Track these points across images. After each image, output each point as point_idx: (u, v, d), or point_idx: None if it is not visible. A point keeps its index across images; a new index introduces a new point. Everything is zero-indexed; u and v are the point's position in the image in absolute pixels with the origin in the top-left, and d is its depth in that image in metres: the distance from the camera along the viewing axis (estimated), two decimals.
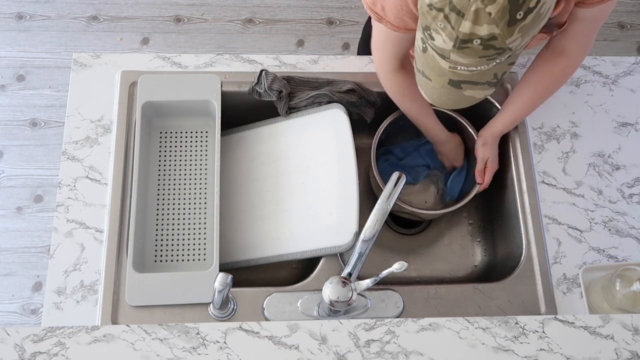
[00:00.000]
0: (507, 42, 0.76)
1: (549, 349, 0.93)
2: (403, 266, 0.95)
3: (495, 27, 0.74)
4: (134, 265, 1.12)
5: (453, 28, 0.75)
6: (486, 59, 0.79)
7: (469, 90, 0.86)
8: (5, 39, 2.35)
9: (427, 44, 0.83)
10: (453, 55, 0.79)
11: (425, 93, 0.93)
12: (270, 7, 2.46)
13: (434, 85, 0.88)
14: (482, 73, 0.82)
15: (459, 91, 0.87)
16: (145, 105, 1.24)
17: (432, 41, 0.80)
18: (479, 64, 0.80)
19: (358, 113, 1.29)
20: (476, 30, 0.74)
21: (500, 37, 0.75)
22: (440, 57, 0.81)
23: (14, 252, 2.08)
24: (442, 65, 0.82)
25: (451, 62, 0.81)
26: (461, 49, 0.77)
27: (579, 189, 1.26)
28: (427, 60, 0.85)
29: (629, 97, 1.35)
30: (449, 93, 0.88)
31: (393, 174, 1.03)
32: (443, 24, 0.76)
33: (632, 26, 2.49)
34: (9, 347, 0.89)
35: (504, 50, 0.77)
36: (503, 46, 0.76)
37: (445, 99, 0.90)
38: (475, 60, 0.79)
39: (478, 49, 0.77)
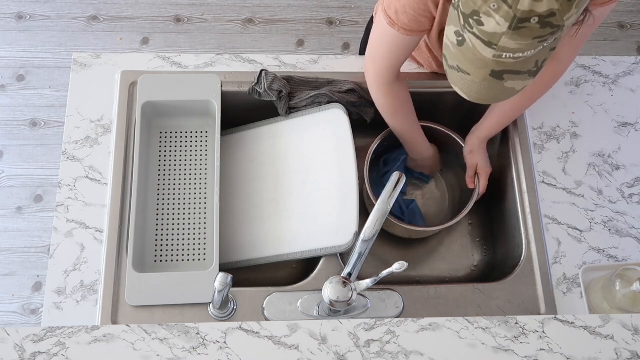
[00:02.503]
0: (565, 17, 0.74)
1: (549, 349, 0.93)
2: (403, 266, 0.94)
3: (555, 2, 0.72)
4: (134, 265, 1.12)
5: (510, 7, 0.73)
6: (538, 40, 0.77)
7: (510, 81, 0.84)
8: (5, 39, 2.35)
9: (466, 35, 0.81)
10: (504, 39, 0.77)
11: (462, 89, 0.90)
12: (270, 7, 2.46)
13: (473, 80, 0.86)
14: (526, 60, 0.81)
15: (500, 83, 0.85)
16: (145, 105, 1.24)
17: (480, 27, 0.77)
18: (529, 47, 0.78)
19: (358, 113, 1.29)
20: (535, 7, 0.72)
21: (559, 12, 0.73)
22: (486, 45, 0.79)
23: (14, 252, 2.08)
24: (485, 55, 0.80)
25: (498, 49, 0.78)
26: (517, 29, 0.75)
27: (579, 189, 1.26)
28: (464, 53, 0.83)
29: (629, 97, 1.35)
30: (489, 86, 0.86)
31: (393, 174, 1.03)
32: (497, 5, 0.74)
33: (632, 26, 2.49)
34: (9, 347, 0.89)
35: (558, 28, 0.76)
36: (560, 23, 0.75)
37: (485, 93, 0.88)
38: (528, 42, 0.77)
39: (535, 28, 0.75)
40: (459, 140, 1.31)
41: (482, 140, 1.27)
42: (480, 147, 1.28)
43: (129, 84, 1.28)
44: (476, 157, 1.28)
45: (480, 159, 1.28)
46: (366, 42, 1.46)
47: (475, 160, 1.28)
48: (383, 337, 0.93)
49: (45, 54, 2.34)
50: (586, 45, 2.40)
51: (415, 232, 1.31)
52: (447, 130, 1.32)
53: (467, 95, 0.91)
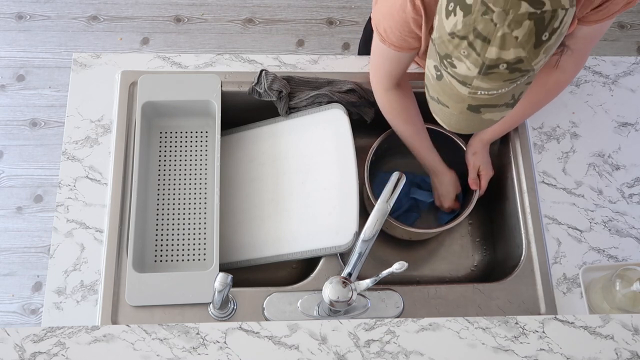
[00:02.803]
0: (533, 63, 0.76)
1: (549, 349, 0.93)
2: (403, 266, 0.95)
3: (522, 51, 0.74)
4: (134, 265, 1.12)
5: (479, 55, 0.75)
6: (510, 82, 0.79)
7: (488, 113, 0.86)
8: (5, 39, 2.35)
9: (443, 72, 0.82)
10: (476, 81, 0.79)
11: (442, 120, 0.92)
12: (270, 7, 2.46)
13: (451, 112, 0.88)
14: (501, 95, 0.82)
15: (478, 115, 0.86)
16: (145, 105, 1.24)
17: (454, 69, 0.79)
18: (502, 87, 0.79)
19: (358, 113, 1.29)
20: (503, 55, 0.74)
21: (527, 59, 0.75)
22: (461, 83, 0.81)
23: (14, 252, 2.08)
24: (461, 91, 0.82)
25: (472, 88, 0.80)
26: (487, 75, 0.77)
27: (579, 189, 1.26)
28: (442, 87, 0.85)
29: (629, 97, 1.35)
30: (467, 118, 0.87)
31: (393, 174, 1.03)
32: (467, 52, 0.76)
33: (632, 26, 2.49)
34: (9, 347, 0.89)
35: (528, 72, 0.77)
36: (528, 68, 0.76)
37: (464, 124, 0.90)
38: (499, 84, 0.79)
39: (504, 73, 0.76)
40: (458, 141, 1.31)
41: (485, 142, 1.27)
42: (483, 150, 1.28)
43: (129, 84, 1.28)
44: (479, 159, 1.28)
45: (482, 161, 1.28)
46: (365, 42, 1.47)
47: (478, 163, 1.28)
48: (383, 337, 0.93)
49: (45, 54, 2.34)
50: None
51: (415, 234, 1.31)
52: (449, 132, 1.32)
53: (447, 125, 0.92)
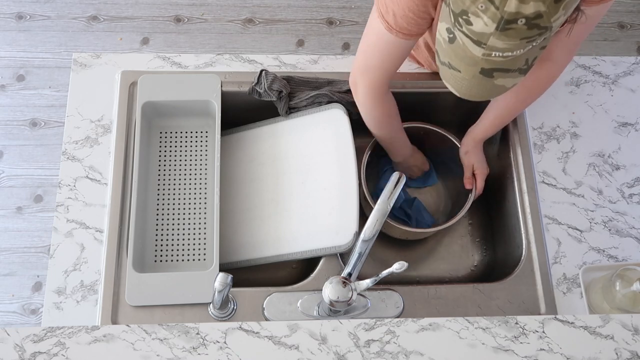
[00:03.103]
0: (552, 19, 0.74)
1: (549, 349, 0.93)
2: (403, 266, 0.94)
3: (542, 4, 0.72)
4: (134, 265, 1.12)
5: (497, 8, 0.73)
6: (526, 41, 0.77)
7: (500, 78, 0.84)
8: (5, 39, 2.35)
9: (457, 33, 0.80)
10: (492, 39, 0.76)
11: (453, 86, 0.90)
12: (270, 7, 2.46)
13: (463, 77, 0.86)
14: (516, 59, 0.80)
15: (490, 80, 0.85)
16: (145, 105, 1.24)
17: (469, 26, 0.77)
18: (517, 47, 0.77)
19: (358, 113, 1.28)
20: (522, 9, 0.72)
21: (546, 14, 0.73)
22: (475, 43, 0.79)
23: (14, 252, 2.07)
24: (474, 53, 0.80)
25: (487, 48, 0.78)
26: (504, 30, 0.75)
27: (579, 189, 1.26)
28: (455, 50, 0.83)
29: (629, 97, 1.35)
30: (479, 83, 0.86)
31: (393, 174, 1.03)
32: (485, 6, 0.74)
33: (632, 26, 2.49)
34: (9, 347, 0.89)
35: (546, 29, 0.75)
36: (547, 24, 0.74)
37: (475, 90, 0.88)
38: (516, 42, 0.76)
39: (522, 29, 0.74)
40: (455, 140, 1.31)
41: (478, 141, 1.27)
42: (476, 148, 1.27)
43: (129, 84, 1.28)
44: (472, 157, 1.28)
45: (476, 159, 1.28)
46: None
47: (472, 161, 1.28)
48: (383, 337, 0.93)
49: (45, 54, 2.34)
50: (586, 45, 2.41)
51: (412, 233, 1.30)
52: (443, 131, 1.32)
53: (458, 91, 0.91)
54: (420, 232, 1.31)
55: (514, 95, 1.18)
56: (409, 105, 1.30)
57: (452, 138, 1.31)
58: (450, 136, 1.31)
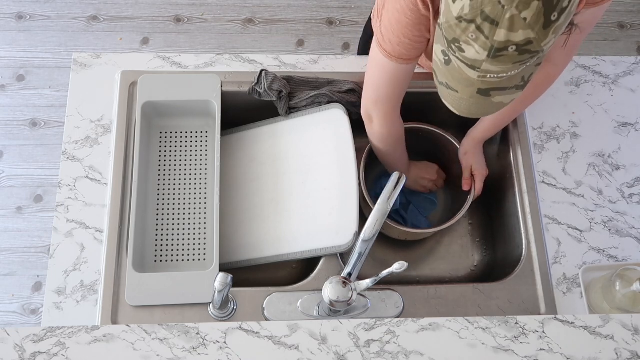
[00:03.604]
0: (542, 44, 0.75)
1: (549, 349, 0.93)
2: (403, 266, 0.94)
3: (531, 32, 0.73)
4: (134, 265, 1.12)
5: (487, 38, 0.74)
6: (519, 64, 0.78)
7: (498, 96, 0.85)
8: (5, 39, 2.35)
9: (452, 57, 0.82)
10: (485, 64, 0.78)
11: (452, 105, 0.91)
12: (270, 7, 2.46)
13: (461, 97, 0.87)
14: (511, 78, 0.81)
15: (488, 99, 0.86)
16: (145, 105, 1.24)
17: (462, 53, 0.79)
18: (511, 69, 0.79)
19: (358, 113, 1.28)
20: (512, 37, 0.73)
21: (536, 40, 0.74)
22: (470, 68, 0.80)
23: (14, 252, 2.08)
24: (470, 75, 0.81)
25: (481, 72, 0.80)
26: (496, 57, 0.76)
27: (579, 189, 1.26)
28: (451, 72, 0.84)
29: (629, 97, 1.35)
30: (477, 102, 0.87)
31: (393, 174, 1.03)
32: (475, 35, 0.75)
33: (632, 26, 2.49)
34: (9, 347, 0.89)
35: (537, 53, 0.77)
36: (538, 49, 0.76)
37: (474, 109, 0.89)
38: (509, 66, 0.78)
39: (513, 55, 0.76)
40: (454, 141, 1.31)
41: (477, 142, 1.27)
42: (475, 149, 1.27)
43: (129, 84, 1.28)
44: (471, 159, 1.28)
45: (475, 160, 1.28)
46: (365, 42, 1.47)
47: (470, 162, 1.28)
48: (383, 337, 0.93)
49: (45, 54, 2.34)
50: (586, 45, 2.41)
51: (411, 234, 1.30)
52: (442, 131, 1.31)
53: (457, 110, 0.92)
54: (419, 232, 1.31)
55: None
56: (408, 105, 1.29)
57: (450, 138, 1.31)
58: (449, 136, 1.31)
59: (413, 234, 1.32)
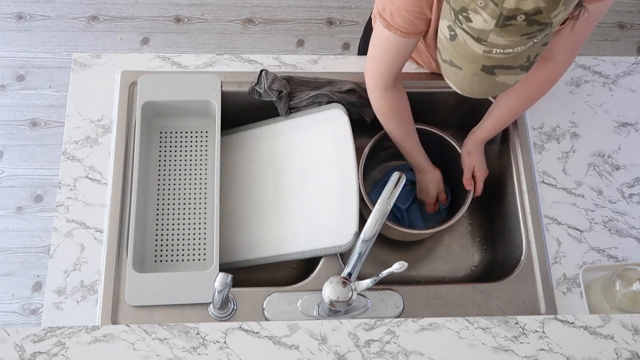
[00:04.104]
0: (552, 15, 0.74)
1: (549, 349, 0.93)
2: (403, 266, 0.94)
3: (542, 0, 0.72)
4: (134, 265, 1.12)
5: (496, 4, 0.73)
6: (527, 37, 0.76)
7: (502, 75, 0.84)
8: (5, 39, 2.35)
9: (457, 30, 0.80)
10: (492, 35, 0.76)
11: (455, 83, 0.90)
12: (270, 7, 2.46)
13: (464, 74, 0.86)
14: (517, 56, 0.80)
15: (492, 78, 0.85)
16: (145, 105, 1.24)
17: (469, 23, 0.77)
18: (518, 43, 0.77)
19: (358, 113, 1.29)
20: (521, 5, 0.72)
21: (546, 10, 0.73)
22: (476, 40, 0.79)
23: (14, 252, 2.08)
24: (475, 50, 0.80)
25: (487, 45, 0.78)
26: (504, 27, 0.75)
27: (579, 189, 1.26)
28: (456, 48, 0.83)
29: (629, 97, 1.35)
30: (481, 81, 0.86)
31: (393, 174, 1.03)
32: (484, 2, 0.74)
33: (632, 26, 2.49)
34: (9, 347, 0.89)
35: (546, 26, 0.75)
36: (547, 20, 0.74)
37: (477, 88, 0.88)
38: (516, 39, 0.76)
39: (521, 25, 0.74)
40: (453, 142, 1.30)
41: (480, 142, 1.27)
42: (478, 150, 1.27)
43: (129, 84, 1.28)
44: (473, 159, 1.27)
45: (477, 161, 1.28)
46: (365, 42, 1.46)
47: (473, 163, 1.28)
48: (383, 337, 0.93)
49: (45, 54, 2.34)
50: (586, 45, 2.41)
51: (410, 234, 1.30)
52: (441, 132, 1.31)
53: (460, 89, 0.91)
54: (418, 233, 1.31)
55: (515, 96, 1.18)
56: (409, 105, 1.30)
57: (449, 139, 1.31)
58: (449, 137, 1.31)
59: (412, 235, 1.32)
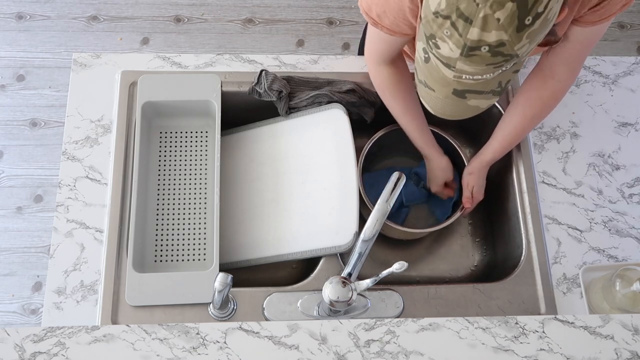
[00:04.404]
0: (515, 48, 0.75)
1: (549, 349, 0.93)
2: (403, 266, 0.95)
3: (504, 33, 0.73)
4: (134, 265, 1.12)
5: (460, 35, 0.74)
6: (493, 67, 0.78)
7: (473, 99, 0.86)
8: (5, 39, 2.35)
9: (430, 54, 0.82)
10: (459, 63, 0.78)
11: (429, 104, 0.92)
12: (270, 7, 2.46)
13: (437, 96, 0.88)
14: (487, 82, 0.82)
15: (463, 101, 0.86)
16: (145, 105, 1.24)
17: (438, 50, 0.79)
18: (486, 71, 0.79)
19: (358, 113, 1.29)
20: (484, 37, 0.73)
21: (509, 43, 0.74)
22: (445, 66, 0.80)
23: (14, 252, 2.08)
24: (446, 74, 0.82)
25: (456, 71, 0.80)
26: (469, 57, 0.76)
27: (579, 189, 1.26)
28: (430, 70, 0.85)
29: (629, 97, 1.35)
30: (453, 103, 0.87)
31: (393, 174, 1.03)
32: (450, 32, 0.75)
33: (632, 26, 2.49)
34: (9, 347, 0.89)
35: (511, 57, 0.77)
36: (511, 52, 0.76)
37: (449, 109, 0.90)
38: (482, 67, 0.78)
39: (486, 56, 0.76)
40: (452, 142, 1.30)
41: (485, 164, 1.25)
42: (480, 172, 1.26)
43: (129, 84, 1.28)
44: (474, 180, 1.26)
45: (477, 183, 1.27)
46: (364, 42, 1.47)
47: (472, 184, 1.26)
48: (383, 337, 0.93)
49: (45, 54, 2.34)
50: None
51: (409, 233, 1.30)
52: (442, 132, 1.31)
53: (433, 110, 0.92)
54: (418, 232, 1.30)
55: (520, 115, 1.18)
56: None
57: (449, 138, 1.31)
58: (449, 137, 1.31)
59: (412, 234, 1.32)
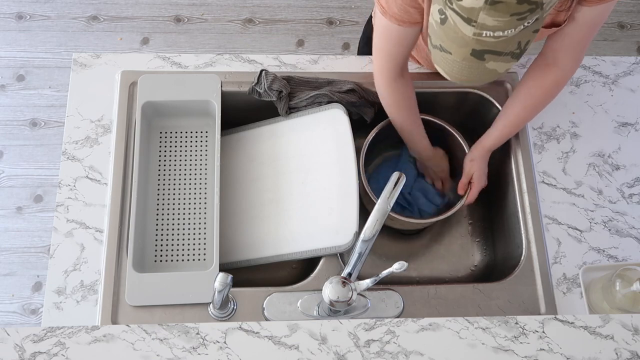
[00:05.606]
0: None
1: (549, 349, 0.93)
2: (403, 266, 0.94)
3: None
4: (134, 265, 1.12)
5: None
6: (517, 18, 0.76)
7: (492, 62, 0.83)
8: (5, 39, 2.35)
9: (448, 12, 0.80)
10: (482, 15, 0.76)
11: (444, 69, 0.89)
12: (270, 7, 2.46)
13: (454, 59, 0.85)
14: (507, 40, 0.80)
15: (482, 63, 0.84)
16: (145, 105, 1.24)
17: (459, 2, 0.77)
18: (508, 25, 0.77)
19: (358, 113, 1.29)
20: None
21: None
22: (466, 21, 0.78)
23: (14, 252, 2.08)
24: (465, 33, 0.80)
25: (477, 27, 0.77)
26: (494, 4, 0.74)
27: (579, 189, 1.26)
28: (446, 31, 0.82)
29: (629, 97, 1.35)
30: (470, 66, 0.85)
31: (393, 174, 1.03)
32: None
33: (632, 26, 2.49)
34: (9, 347, 0.89)
35: (536, 6, 0.75)
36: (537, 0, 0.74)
37: (466, 73, 0.87)
38: (506, 19, 0.76)
39: (511, 3, 0.74)
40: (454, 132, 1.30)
41: (486, 150, 1.25)
42: (481, 158, 1.26)
43: (129, 84, 1.28)
44: (475, 167, 1.26)
45: (478, 170, 1.26)
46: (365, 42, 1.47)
47: (473, 170, 1.26)
48: (383, 337, 0.93)
49: (45, 54, 2.34)
50: None
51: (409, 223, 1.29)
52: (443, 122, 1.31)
53: (449, 75, 0.90)
54: (416, 222, 1.29)
55: (522, 103, 1.18)
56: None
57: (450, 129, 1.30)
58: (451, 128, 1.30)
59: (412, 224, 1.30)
